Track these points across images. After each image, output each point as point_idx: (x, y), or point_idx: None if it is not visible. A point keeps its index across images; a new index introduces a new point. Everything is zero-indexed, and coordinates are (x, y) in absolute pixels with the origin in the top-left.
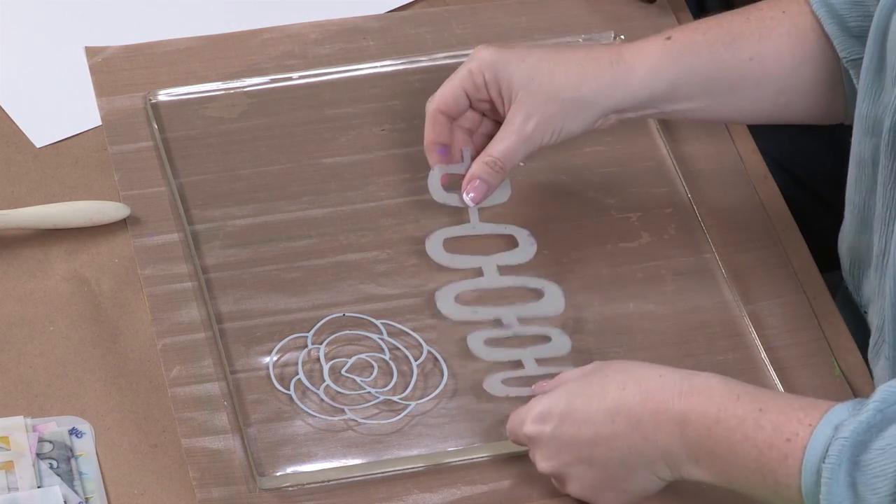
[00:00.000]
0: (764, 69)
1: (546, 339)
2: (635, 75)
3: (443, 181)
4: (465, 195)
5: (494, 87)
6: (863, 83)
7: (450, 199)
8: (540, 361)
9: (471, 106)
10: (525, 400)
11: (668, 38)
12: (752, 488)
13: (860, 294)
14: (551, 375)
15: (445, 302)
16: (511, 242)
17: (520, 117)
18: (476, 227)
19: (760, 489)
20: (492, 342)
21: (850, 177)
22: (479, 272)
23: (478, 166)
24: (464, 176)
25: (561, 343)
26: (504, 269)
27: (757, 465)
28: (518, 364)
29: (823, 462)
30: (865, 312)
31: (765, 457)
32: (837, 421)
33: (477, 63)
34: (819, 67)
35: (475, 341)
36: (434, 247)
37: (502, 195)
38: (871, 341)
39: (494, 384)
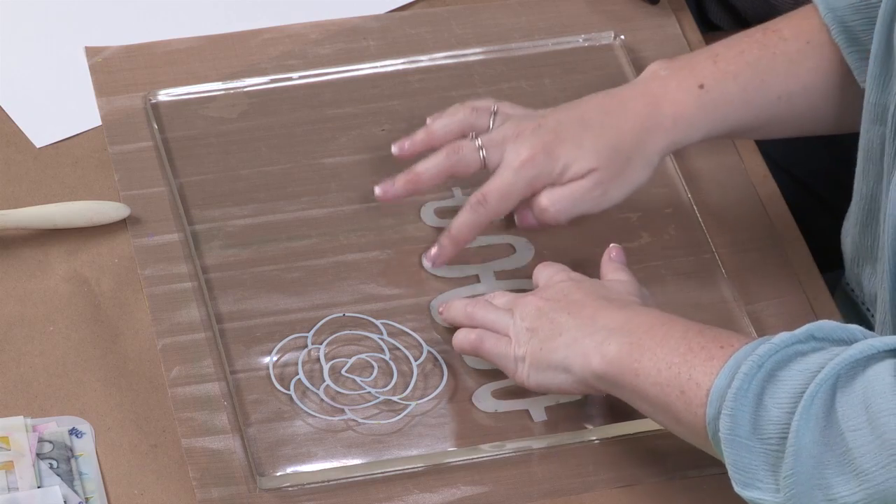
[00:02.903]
0: (792, 107)
1: None
2: (671, 127)
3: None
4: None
5: (554, 182)
6: (871, 72)
7: (444, 224)
8: None
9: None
10: (515, 414)
11: (702, 87)
12: (653, 389)
13: (862, 291)
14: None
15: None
16: (509, 250)
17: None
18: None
19: (662, 391)
20: None
21: (857, 167)
22: (475, 279)
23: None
24: (455, 209)
25: None
26: (501, 274)
27: (679, 361)
28: None
29: (744, 361)
30: (867, 308)
31: (692, 354)
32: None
33: (538, 179)
34: (846, 97)
35: None
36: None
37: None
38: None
39: (484, 398)
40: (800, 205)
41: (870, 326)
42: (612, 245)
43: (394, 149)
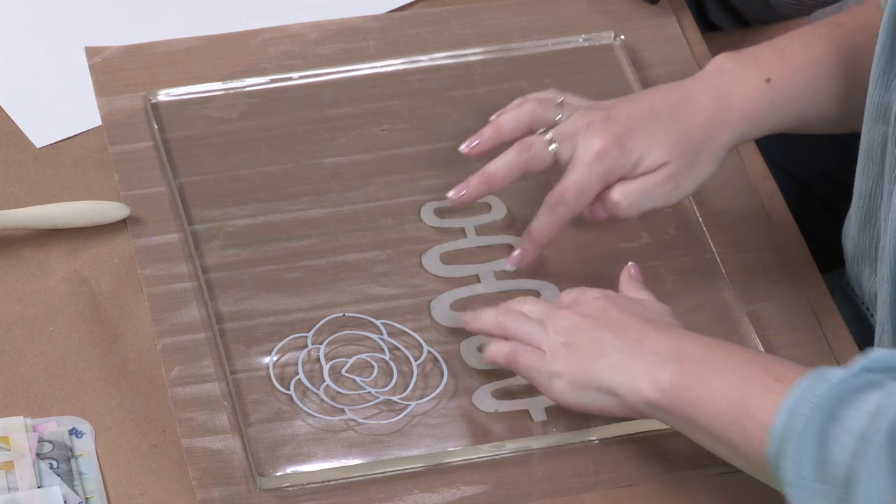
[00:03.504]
0: (857, 102)
1: None
2: (738, 122)
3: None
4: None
5: (627, 175)
6: (875, 70)
7: (444, 224)
8: None
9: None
10: (515, 414)
11: (768, 81)
12: (711, 422)
13: (862, 290)
14: None
15: (440, 311)
16: (509, 250)
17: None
18: (473, 240)
19: (720, 424)
20: (485, 348)
21: (858, 165)
22: (476, 280)
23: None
24: (455, 209)
25: None
26: (501, 274)
27: (736, 395)
28: (509, 372)
29: (804, 401)
30: (867, 308)
31: (748, 387)
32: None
33: (612, 172)
34: None
35: (467, 349)
36: (430, 261)
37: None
38: (876, 337)
39: (484, 398)
40: (800, 205)
41: (869, 326)
42: (629, 263)
43: (462, 148)
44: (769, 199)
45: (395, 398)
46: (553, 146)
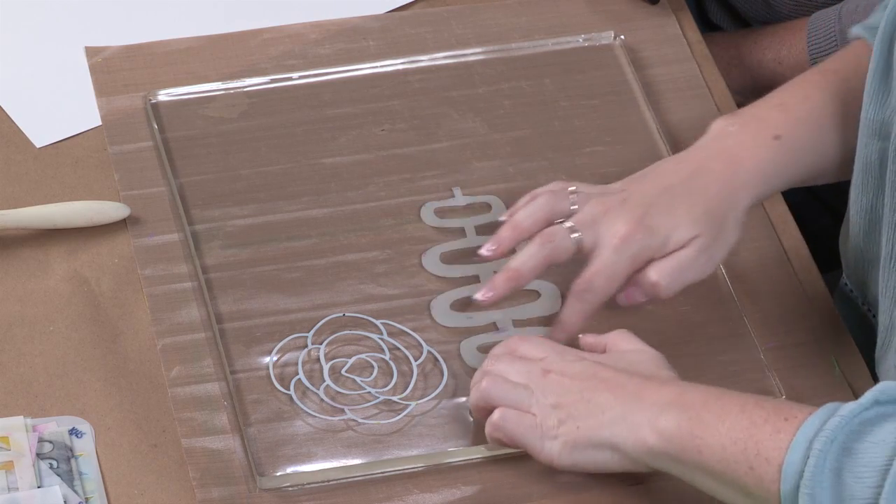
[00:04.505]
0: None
1: None
2: (756, 183)
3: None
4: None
5: (658, 256)
6: (869, 87)
7: (444, 224)
8: None
9: None
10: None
11: (777, 138)
12: (720, 465)
13: (864, 293)
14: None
15: (440, 310)
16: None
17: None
18: (472, 240)
19: (729, 468)
20: (484, 348)
21: (855, 179)
22: (476, 280)
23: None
24: (455, 209)
25: None
26: None
27: (744, 437)
28: None
29: (816, 437)
30: (870, 311)
31: (756, 428)
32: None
33: (640, 255)
34: None
35: (468, 348)
36: (430, 261)
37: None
38: (878, 342)
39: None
40: (800, 205)
41: (870, 326)
42: (582, 337)
43: (483, 252)
44: (769, 199)
45: (395, 398)
46: (575, 235)
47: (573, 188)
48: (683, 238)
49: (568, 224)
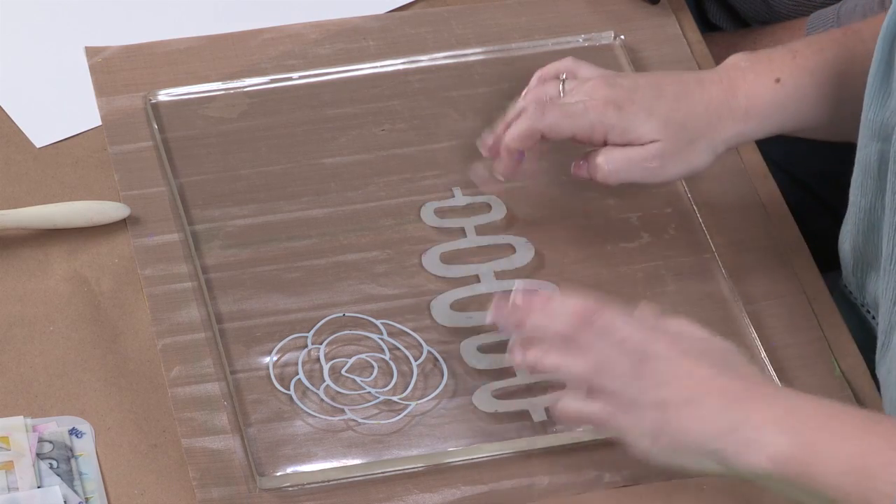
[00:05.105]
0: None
1: None
2: (742, 117)
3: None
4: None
5: (614, 138)
6: (870, 88)
7: (444, 224)
8: None
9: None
10: (515, 414)
11: (778, 81)
12: (831, 490)
13: (864, 294)
14: (543, 383)
15: (440, 310)
16: (509, 250)
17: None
18: (472, 240)
19: (842, 494)
20: (484, 348)
21: (854, 180)
22: (476, 280)
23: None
24: (455, 209)
25: None
26: (501, 274)
27: (858, 463)
28: (509, 372)
29: None
30: (869, 312)
31: (868, 457)
32: None
33: (601, 124)
34: None
35: (467, 349)
36: (430, 261)
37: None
38: (879, 343)
39: (484, 398)
40: (800, 205)
41: (869, 327)
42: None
43: (483, 149)
44: (769, 199)
45: (395, 398)
46: (563, 87)
47: (564, 76)
48: (644, 136)
49: (562, 87)
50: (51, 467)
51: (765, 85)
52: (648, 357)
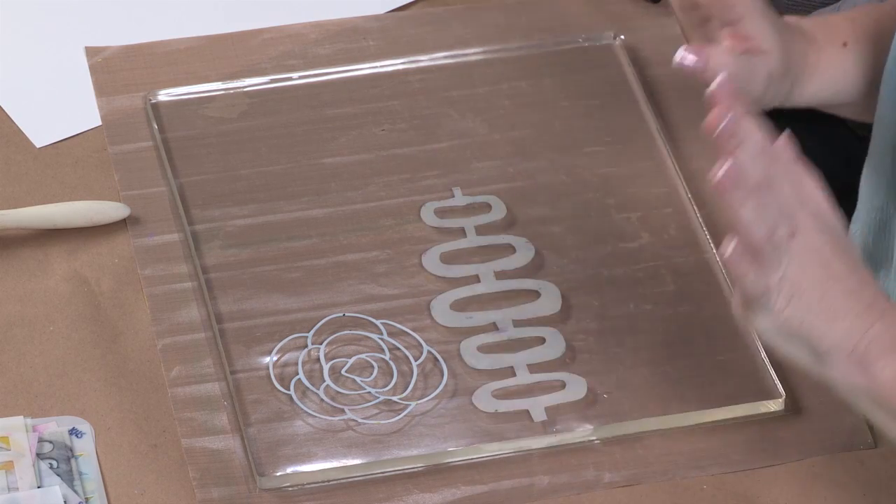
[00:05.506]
0: None
1: (541, 340)
2: (812, 76)
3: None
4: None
5: None
6: (885, 92)
7: (444, 224)
8: (532, 367)
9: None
10: (515, 414)
11: (845, 45)
12: None
13: None
14: (543, 383)
15: (440, 310)
16: (509, 250)
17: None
18: (472, 240)
19: None
20: (484, 348)
21: (866, 178)
22: (476, 280)
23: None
24: (455, 209)
25: (555, 345)
26: (501, 274)
27: None
28: (510, 372)
29: None
30: None
31: None
32: None
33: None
34: None
35: (467, 349)
36: (430, 261)
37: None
38: None
39: (484, 397)
40: None
41: None
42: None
43: (686, 61)
44: None
45: (395, 398)
46: None
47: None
48: (755, 30)
49: None
50: (51, 467)
51: (833, 49)
52: (794, 232)
